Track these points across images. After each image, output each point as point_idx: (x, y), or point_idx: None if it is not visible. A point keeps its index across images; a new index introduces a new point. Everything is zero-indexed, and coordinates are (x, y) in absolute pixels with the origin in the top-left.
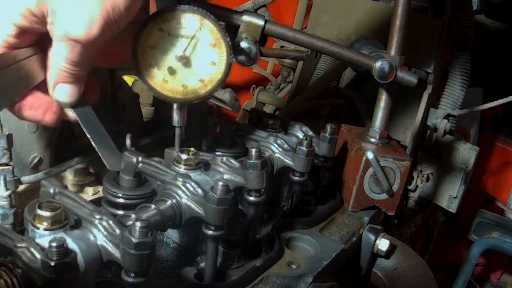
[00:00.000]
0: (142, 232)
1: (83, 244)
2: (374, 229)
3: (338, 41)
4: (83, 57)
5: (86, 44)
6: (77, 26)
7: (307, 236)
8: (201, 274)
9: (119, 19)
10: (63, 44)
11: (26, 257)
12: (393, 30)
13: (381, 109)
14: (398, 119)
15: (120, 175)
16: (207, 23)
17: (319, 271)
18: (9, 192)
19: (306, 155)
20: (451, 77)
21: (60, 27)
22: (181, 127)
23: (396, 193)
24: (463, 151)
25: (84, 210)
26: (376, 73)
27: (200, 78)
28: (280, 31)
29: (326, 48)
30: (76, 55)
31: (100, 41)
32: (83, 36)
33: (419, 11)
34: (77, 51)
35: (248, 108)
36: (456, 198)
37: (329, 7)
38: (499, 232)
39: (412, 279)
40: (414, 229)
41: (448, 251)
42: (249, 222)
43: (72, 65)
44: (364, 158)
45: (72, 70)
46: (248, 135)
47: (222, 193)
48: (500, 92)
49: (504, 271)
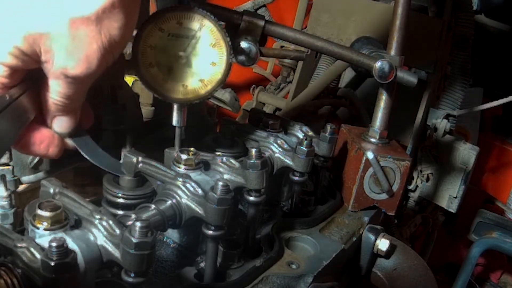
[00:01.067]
0: (142, 232)
1: (83, 244)
2: (374, 229)
3: (338, 41)
4: (80, 91)
5: (83, 79)
6: (74, 63)
7: (307, 236)
8: (201, 274)
9: (115, 50)
10: (59, 81)
11: (26, 257)
12: (393, 30)
13: (381, 109)
14: (398, 119)
15: (120, 175)
16: (207, 23)
17: (319, 271)
18: (9, 192)
19: (306, 155)
20: (451, 77)
21: (56, 66)
22: (181, 127)
23: (396, 193)
24: (463, 151)
25: (84, 210)
26: (376, 73)
27: (200, 78)
28: (280, 31)
29: (326, 48)
30: (72, 90)
31: (97, 74)
32: (80, 73)
33: (419, 11)
34: (74, 87)
35: (248, 108)
36: (456, 198)
37: (329, 7)
38: (499, 232)
39: (412, 279)
40: (414, 229)
41: (448, 251)
42: (249, 222)
43: (68, 100)
44: (364, 158)
45: (69, 103)
46: (248, 135)
47: (222, 193)
48: (500, 92)
49: (504, 271)
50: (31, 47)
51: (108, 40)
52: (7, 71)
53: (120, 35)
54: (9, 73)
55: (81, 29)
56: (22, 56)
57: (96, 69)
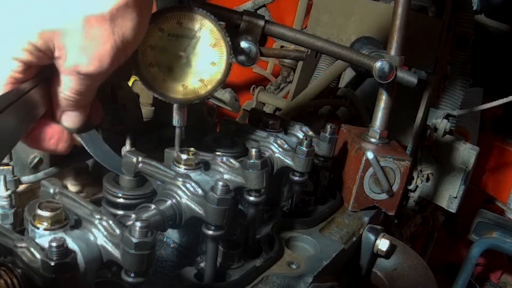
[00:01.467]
0: (142, 232)
1: (83, 244)
2: (374, 229)
3: (338, 41)
4: (91, 88)
5: (95, 77)
6: (87, 61)
7: (307, 236)
8: (201, 274)
9: (128, 49)
10: (71, 77)
11: (26, 257)
12: (393, 30)
13: (381, 109)
14: (398, 119)
15: (120, 175)
16: (207, 23)
17: (319, 271)
18: (9, 192)
19: (306, 155)
20: (451, 77)
21: (69, 62)
22: (181, 127)
23: (396, 193)
24: (463, 151)
25: (84, 210)
26: (376, 73)
27: (200, 78)
28: (280, 31)
29: (326, 48)
30: (84, 87)
31: (109, 72)
32: (93, 71)
33: (419, 11)
34: (85, 83)
35: (248, 108)
36: (456, 198)
37: (329, 7)
38: (499, 232)
39: (412, 279)
40: (414, 229)
41: (448, 251)
42: (249, 222)
43: (79, 96)
44: (364, 158)
45: (79, 99)
46: (248, 135)
47: (222, 193)
48: (500, 92)
49: (504, 271)
50: (46, 43)
51: (121, 40)
52: (21, 67)
53: (133, 35)
54: (22, 68)
55: (95, 27)
56: (36, 52)
57: (108, 67)
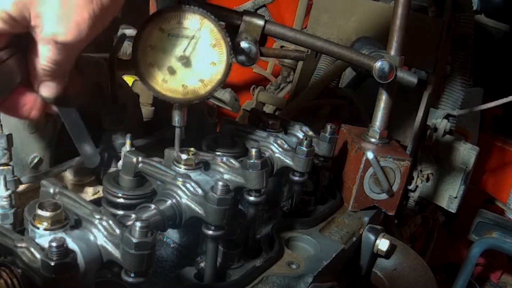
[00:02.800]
0: (142, 232)
1: (83, 244)
2: (374, 229)
3: (338, 41)
4: (69, 57)
5: (73, 46)
6: (64, 30)
7: (307, 236)
8: (201, 274)
9: (105, 17)
10: (48, 47)
11: (26, 257)
12: (393, 30)
13: (381, 109)
14: (398, 119)
15: (120, 175)
16: (207, 23)
17: (319, 271)
18: (9, 192)
19: (306, 155)
20: (451, 77)
21: (46, 31)
22: (181, 127)
23: (396, 193)
24: (463, 151)
25: (84, 210)
26: (376, 73)
27: (200, 78)
28: (280, 31)
29: (326, 48)
30: (62, 56)
31: (87, 41)
32: (70, 39)
33: (419, 11)
34: (63, 53)
35: (248, 108)
36: (456, 198)
37: (329, 7)
38: (499, 232)
39: (412, 279)
40: (414, 229)
41: (448, 251)
42: (249, 222)
43: (57, 65)
44: (364, 158)
45: (57, 69)
46: (248, 135)
47: (222, 193)
48: (500, 92)
49: (504, 271)
50: (21, 12)
51: (100, 7)
52: None
53: (111, 2)
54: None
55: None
56: (11, 21)
57: (86, 36)
